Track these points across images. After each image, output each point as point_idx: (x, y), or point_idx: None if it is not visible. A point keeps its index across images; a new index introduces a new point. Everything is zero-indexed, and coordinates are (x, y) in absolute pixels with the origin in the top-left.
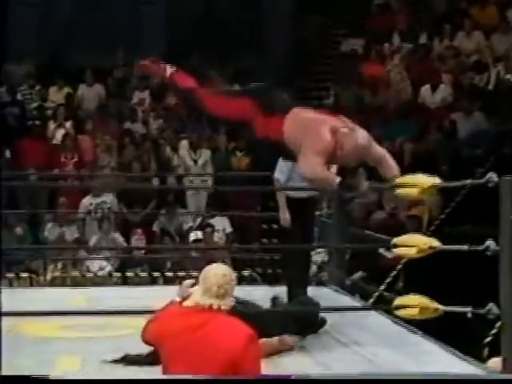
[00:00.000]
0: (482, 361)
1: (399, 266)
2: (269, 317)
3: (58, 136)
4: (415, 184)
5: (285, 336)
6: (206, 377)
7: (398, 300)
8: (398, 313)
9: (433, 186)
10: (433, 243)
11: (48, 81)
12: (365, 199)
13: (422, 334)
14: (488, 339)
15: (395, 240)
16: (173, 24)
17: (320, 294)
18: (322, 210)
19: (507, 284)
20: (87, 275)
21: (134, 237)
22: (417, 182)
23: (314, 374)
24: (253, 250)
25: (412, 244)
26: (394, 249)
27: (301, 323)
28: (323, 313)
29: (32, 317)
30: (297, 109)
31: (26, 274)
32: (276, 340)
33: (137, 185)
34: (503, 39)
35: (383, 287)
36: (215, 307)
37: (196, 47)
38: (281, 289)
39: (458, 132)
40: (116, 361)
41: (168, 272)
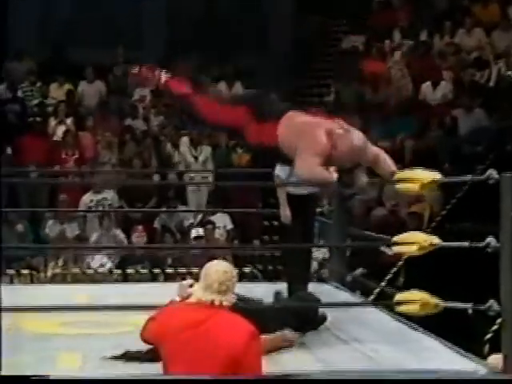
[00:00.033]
0: (483, 357)
1: (400, 263)
2: (269, 313)
3: (59, 133)
4: (415, 179)
5: (286, 331)
6: (206, 377)
7: (399, 296)
8: (399, 309)
9: (433, 181)
10: (433, 240)
11: (49, 77)
12: (364, 195)
13: (423, 331)
14: (488, 336)
15: (396, 238)
16: (173, 22)
17: (321, 291)
18: (323, 207)
19: (508, 281)
20: (88, 272)
21: (135, 233)
22: (417, 177)
23: (314, 372)
24: (254, 249)
25: (413, 241)
26: (395, 247)
27: (300, 319)
28: (323, 309)
29: (32, 314)
30: (290, 113)
31: (27, 271)
32: (277, 336)
33: (137, 181)
34: (504, 36)
35: (384, 284)
36: (217, 303)
37: (196, 47)
38: (282, 285)
39: (459, 129)
40: (116, 357)
41: (169, 269)
